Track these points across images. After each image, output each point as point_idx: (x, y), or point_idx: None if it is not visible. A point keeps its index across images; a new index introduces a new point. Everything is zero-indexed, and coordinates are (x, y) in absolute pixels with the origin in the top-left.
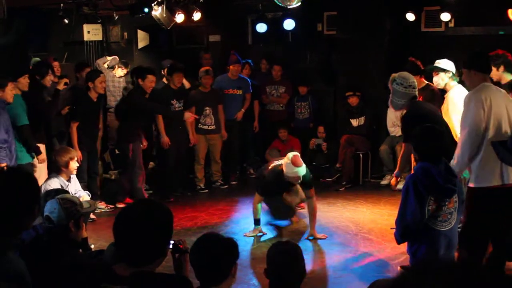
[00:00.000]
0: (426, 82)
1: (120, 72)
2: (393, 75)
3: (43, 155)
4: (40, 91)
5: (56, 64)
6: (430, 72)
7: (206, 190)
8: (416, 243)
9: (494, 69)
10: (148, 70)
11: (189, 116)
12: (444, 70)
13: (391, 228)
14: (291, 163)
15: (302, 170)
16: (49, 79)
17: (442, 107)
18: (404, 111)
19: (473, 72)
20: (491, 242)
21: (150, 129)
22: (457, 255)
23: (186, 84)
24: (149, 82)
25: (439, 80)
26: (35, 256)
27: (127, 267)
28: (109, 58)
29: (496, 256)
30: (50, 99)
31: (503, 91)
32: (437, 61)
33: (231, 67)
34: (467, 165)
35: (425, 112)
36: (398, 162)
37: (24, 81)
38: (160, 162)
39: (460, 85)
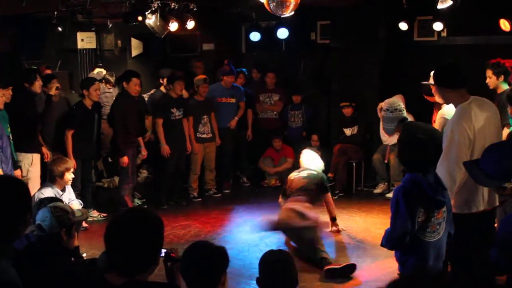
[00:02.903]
0: None
1: (105, 88)
2: (380, 104)
3: (18, 171)
4: (30, 98)
5: (48, 72)
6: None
7: (200, 199)
8: (405, 254)
9: (494, 77)
10: (133, 73)
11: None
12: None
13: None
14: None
15: None
16: (38, 85)
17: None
18: (398, 135)
19: (441, 88)
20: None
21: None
22: (450, 268)
23: (184, 94)
24: (133, 84)
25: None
26: (27, 264)
27: (119, 276)
28: (96, 71)
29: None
30: (44, 106)
31: (485, 103)
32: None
33: (224, 77)
34: (453, 195)
35: (420, 131)
36: None
37: (7, 93)
38: (158, 169)
39: (475, 97)
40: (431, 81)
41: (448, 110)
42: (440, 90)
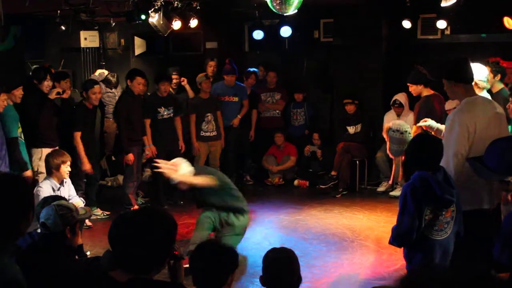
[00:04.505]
0: (433, 92)
1: (107, 88)
2: (386, 125)
3: (29, 172)
4: (33, 95)
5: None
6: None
7: None
8: (412, 251)
9: (491, 75)
10: (138, 72)
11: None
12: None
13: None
14: None
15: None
16: (46, 85)
17: None
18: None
19: (452, 82)
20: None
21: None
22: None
23: (190, 93)
24: (137, 83)
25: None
26: (31, 262)
27: (124, 273)
28: (97, 72)
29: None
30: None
31: (490, 102)
32: None
33: (225, 77)
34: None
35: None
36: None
37: (17, 93)
38: (151, 169)
39: (481, 96)
40: None
41: None
42: (449, 84)
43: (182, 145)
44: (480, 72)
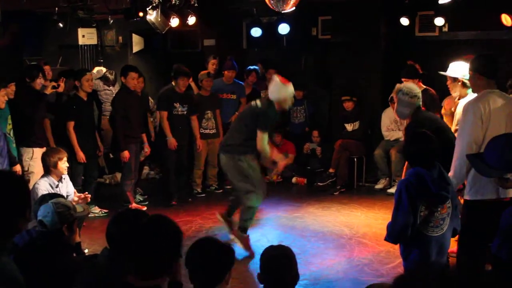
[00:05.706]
0: (424, 86)
1: (105, 86)
2: (398, 85)
3: (18, 167)
4: (29, 93)
5: (47, 68)
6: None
7: (203, 195)
8: (407, 248)
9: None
10: (131, 67)
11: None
12: (454, 79)
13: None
14: (281, 82)
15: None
16: (39, 82)
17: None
18: (408, 121)
19: (476, 75)
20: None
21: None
22: (456, 262)
23: (195, 89)
24: (131, 79)
25: (452, 90)
26: (28, 260)
27: (137, 278)
28: (95, 70)
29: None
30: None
31: (507, 98)
32: (450, 65)
33: (225, 72)
34: (464, 178)
35: (429, 120)
36: (404, 170)
37: (9, 90)
38: (161, 166)
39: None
40: (448, 72)
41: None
42: (473, 77)
43: (199, 144)
44: (466, 70)
